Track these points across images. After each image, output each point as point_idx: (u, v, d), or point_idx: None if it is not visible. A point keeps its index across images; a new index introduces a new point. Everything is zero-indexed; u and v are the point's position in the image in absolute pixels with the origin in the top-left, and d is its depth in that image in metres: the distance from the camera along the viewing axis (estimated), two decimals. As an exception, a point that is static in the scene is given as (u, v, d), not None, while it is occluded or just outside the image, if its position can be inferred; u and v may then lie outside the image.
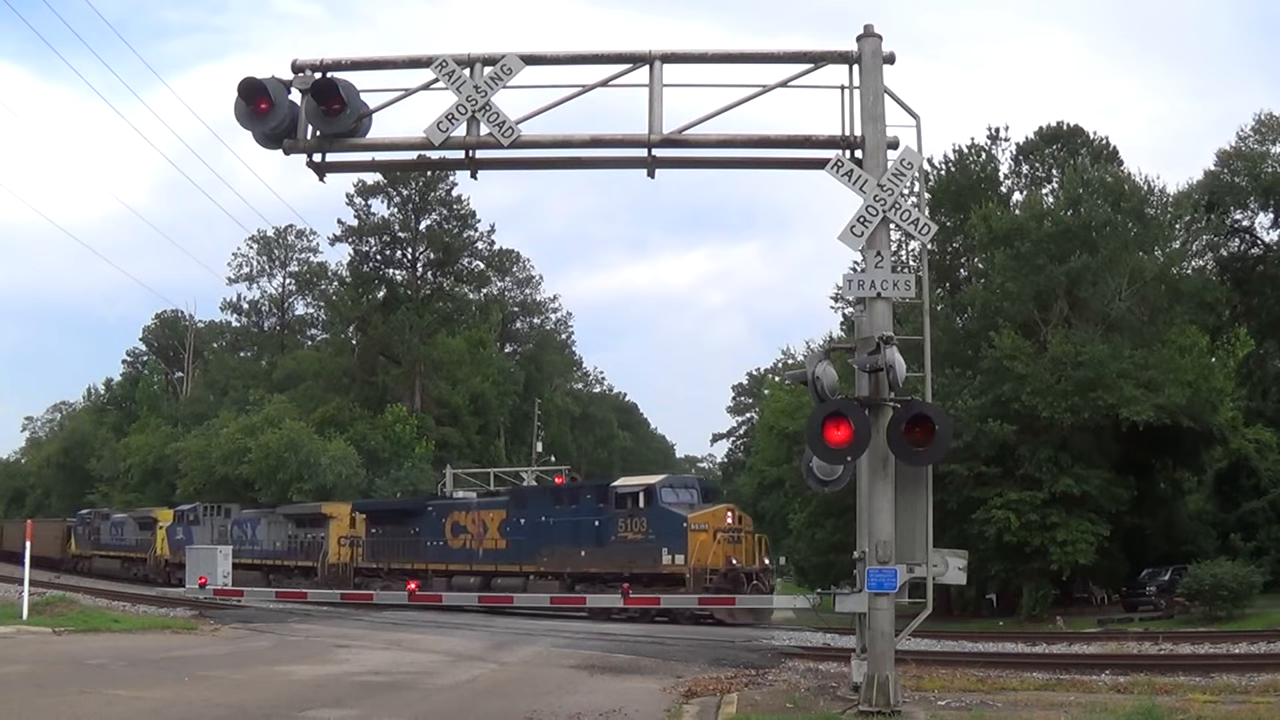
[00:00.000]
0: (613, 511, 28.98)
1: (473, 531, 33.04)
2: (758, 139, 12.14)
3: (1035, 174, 40.32)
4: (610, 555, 28.50)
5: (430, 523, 34.56)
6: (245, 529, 41.71)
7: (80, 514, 54.87)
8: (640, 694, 13.01)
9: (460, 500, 36.73)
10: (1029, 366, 31.77)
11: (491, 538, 32.43)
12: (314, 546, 38.09)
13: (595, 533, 29.18)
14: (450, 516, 34.10)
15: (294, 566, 38.47)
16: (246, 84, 11.70)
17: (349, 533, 37.69)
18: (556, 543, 30.19)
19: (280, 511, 41.40)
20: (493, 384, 62.39)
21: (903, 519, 11.21)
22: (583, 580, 28.51)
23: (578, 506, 30.54)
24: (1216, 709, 10.85)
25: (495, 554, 32.04)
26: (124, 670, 14.84)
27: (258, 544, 40.50)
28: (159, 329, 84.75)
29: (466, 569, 32.51)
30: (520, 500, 33.50)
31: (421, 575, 32.88)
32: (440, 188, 61.29)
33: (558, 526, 30.46)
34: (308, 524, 38.88)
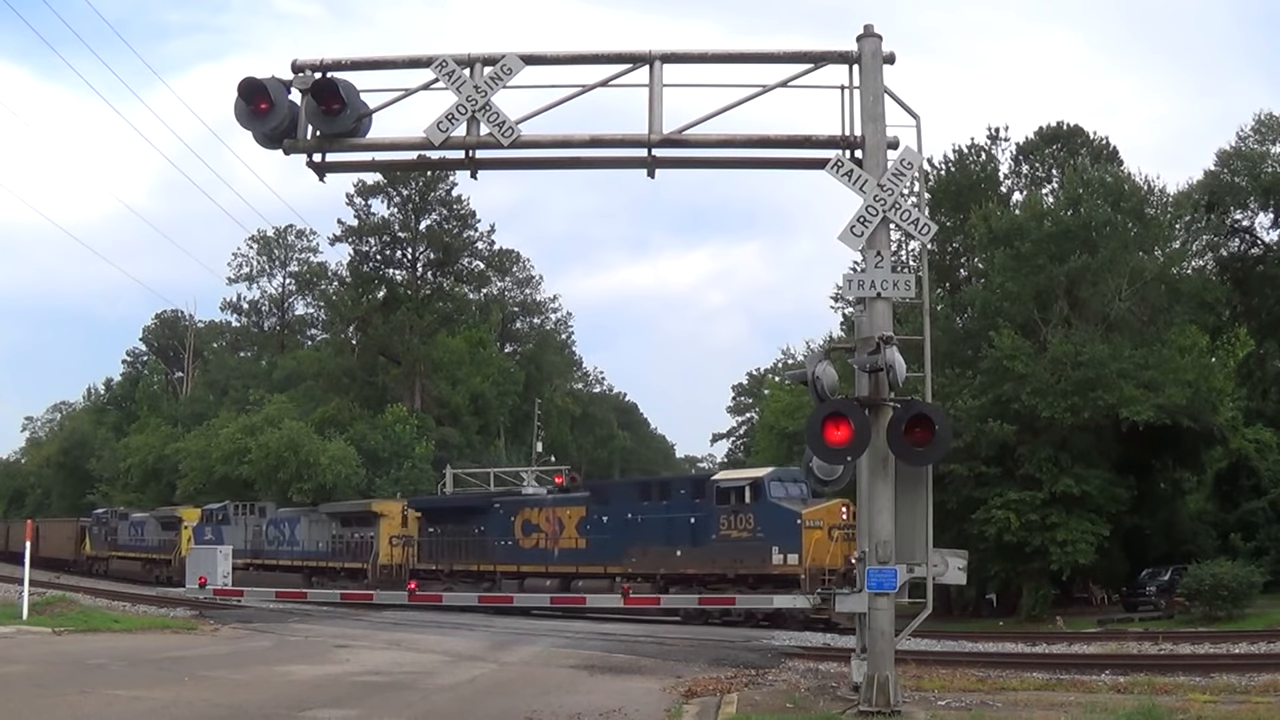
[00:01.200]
0: (713, 507, 26.84)
1: (547, 530, 31.06)
2: (758, 139, 12.15)
3: (1035, 174, 40.29)
4: (711, 555, 26.51)
5: (498, 521, 32.58)
6: (282, 529, 40.09)
7: (96, 514, 53.24)
8: (640, 694, 13.01)
9: (531, 496, 34.33)
10: (1029, 366, 31.76)
11: (569, 536, 30.30)
12: (362, 547, 36.36)
13: (691, 531, 27.23)
14: (521, 514, 32.10)
15: (340, 569, 36.59)
16: (246, 84, 11.71)
17: (400, 532, 35.99)
18: (647, 542, 28.12)
19: (324, 510, 39.63)
20: (493, 384, 62.38)
21: (903, 519, 11.22)
22: (678, 582, 26.65)
23: (670, 502, 28.35)
24: (1216, 709, 10.86)
25: (574, 554, 29.92)
26: (124, 670, 14.85)
27: (297, 544, 38.97)
28: (159, 329, 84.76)
29: (541, 570, 30.38)
30: (602, 496, 31.31)
31: (489, 577, 31.55)
32: (440, 188, 61.25)
33: (647, 524, 28.35)
34: (354, 523, 37.20)
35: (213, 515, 43.14)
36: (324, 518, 38.55)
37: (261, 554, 40.26)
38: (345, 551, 36.80)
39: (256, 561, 39.86)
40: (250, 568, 39.39)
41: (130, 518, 49.38)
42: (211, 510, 43.69)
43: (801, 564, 24.75)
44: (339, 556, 36.95)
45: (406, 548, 35.34)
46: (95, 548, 50.49)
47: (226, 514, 42.55)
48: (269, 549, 40.27)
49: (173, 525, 45.00)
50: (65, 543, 52.77)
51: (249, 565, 39.49)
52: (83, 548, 51.56)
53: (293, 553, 38.78)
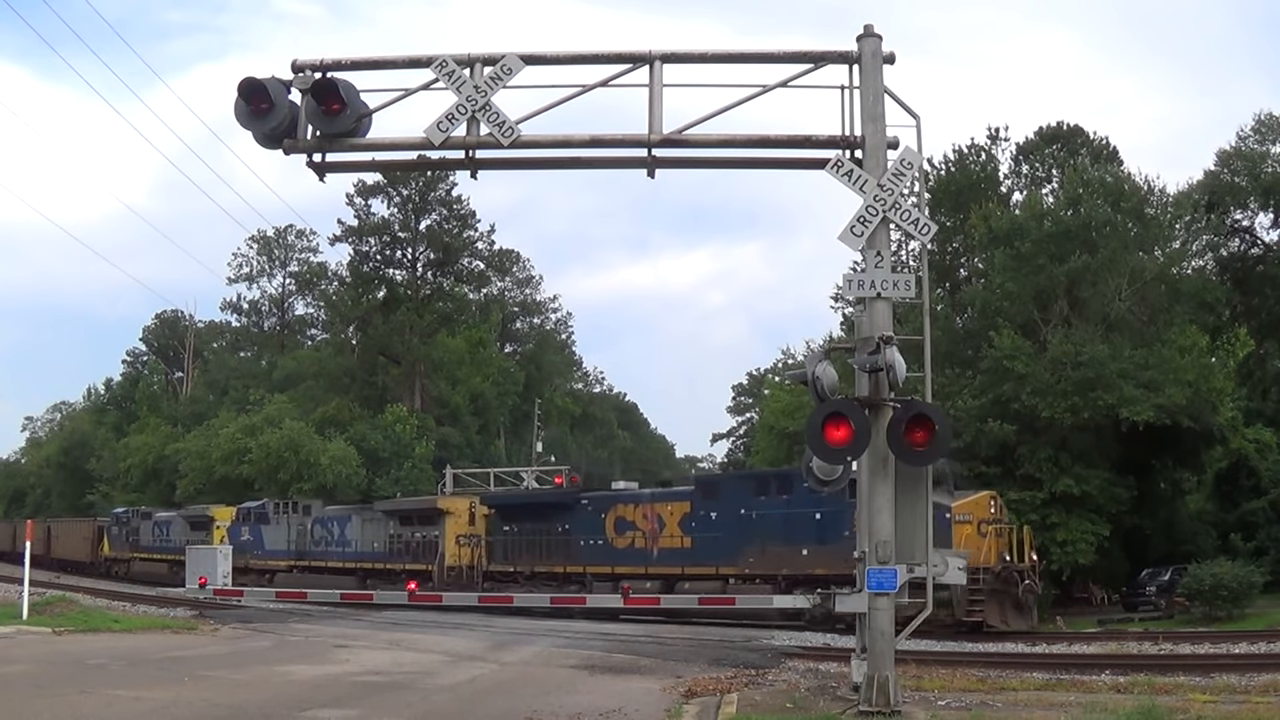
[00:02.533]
0: (847, 502, 23.67)
1: (644, 528, 28.62)
2: (758, 139, 12.14)
3: (1035, 174, 40.28)
4: (843, 554, 23.52)
5: (585, 518, 30.26)
6: (330, 528, 37.68)
7: (116, 513, 50.53)
8: (640, 694, 13.02)
9: (624, 492, 31.50)
10: (1029, 366, 31.77)
11: (672, 535, 27.94)
12: (426, 547, 33.92)
13: (818, 527, 24.77)
14: (613, 511, 29.68)
15: (400, 571, 33.68)
16: (246, 84, 11.70)
17: (468, 530, 33.70)
18: (765, 540, 25.73)
19: (380, 508, 37.18)
20: (493, 384, 62.40)
21: (903, 519, 11.22)
22: (804, 584, 23.57)
23: (792, 496, 25.42)
24: (1216, 709, 10.86)
25: (678, 554, 27.60)
26: (124, 670, 14.85)
27: (348, 545, 36.60)
28: (159, 329, 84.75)
29: (640, 572, 27.93)
30: (711, 490, 28.66)
31: (577, 579, 29.33)
32: (440, 188, 61.27)
33: (766, 520, 25.93)
34: (416, 521, 34.84)
35: (249, 514, 40.99)
36: (380, 516, 36.34)
37: (307, 555, 38.21)
38: (405, 552, 34.49)
39: (301, 563, 37.92)
40: (294, 570, 37.77)
41: (154, 517, 47.17)
42: (248, 509, 41.53)
43: None
44: (398, 558, 34.57)
45: (475, 548, 33.19)
46: (115, 549, 48.31)
47: (265, 512, 40.37)
48: (315, 550, 38.05)
49: (203, 525, 42.81)
50: (80, 544, 50.75)
51: (292, 568, 38.01)
52: (100, 549, 49.46)
53: (344, 554, 36.55)
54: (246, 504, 42.42)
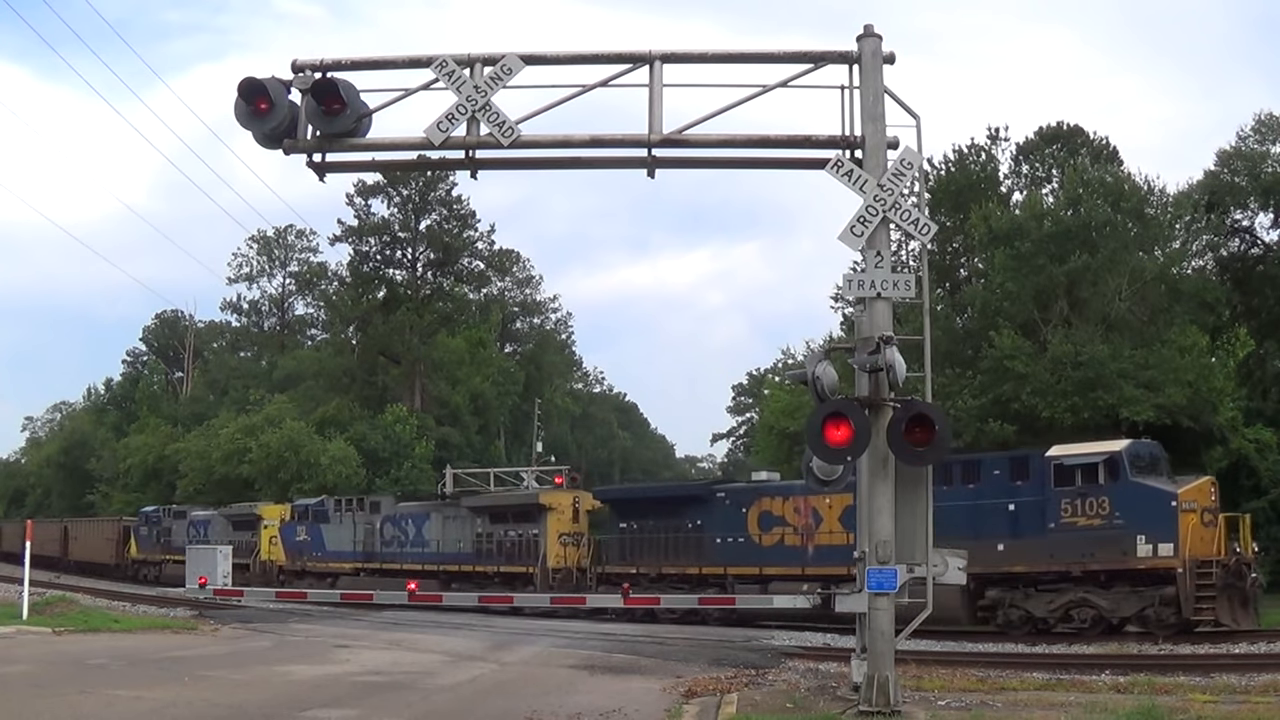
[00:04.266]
0: (1049, 490, 21.94)
1: (796, 523, 25.86)
2: (758, 139, 12.15)
3: (1035, 174, 40.25)
4: (1047, 548, 21.70)
5: (721, 513, 27.50)
6: (404, 526, 35.32)
7: (144, 512, 47.66)
8: (640, 694, 13.02)
9: (770, 484, 27.98)
10: (1029, 366, 31.75)
11: (830, 530, 25.12)
12: (524, 547, 31.35)
13: (1013, 519, 22.34)
14: (756, 504, 26.90)
15: (493, 574, 31.44)
16: (246, 84, 11.71)
17: (571, 529, 30.99)
18: (948, 533, 22.82)
19: (466, 504, 34.24)
20: (493, 384, 62.37)
21: (903, 519, 11.23)
22: (999, 583, 22.14)
23: (979, 485, 23.14)
24: (1216, 709, 10.86)
25: (841, 552, 24.05)
26: (124, 670, 14.86)
27: (426, 545, 34.31)
28: (159, 329, 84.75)
29: (795, 573, 24.94)
30: None
31: (716, 582, 26.70)
32: (440, 188, 61.27)
33: (949, 512, 23.30)
34: (511, 518, 32.32)
35: (306, 512, 38.34)
36: (466, 513, 33.57)
37: (376, 556, 35.68)
38: (499, 553, 31.91)
39: (370, 565, 35.48)
40: (361, 573, 35.41)
41: (190, 516, 44.66)
42: (305, 506, 38.92)
43: (1178, 555, 20.22)
44: (489, 559, 32.09)
45: (582, 547, 30.59)
46: (144, 550, 45.65)
47: (325, 510, 37.80)
48: (386, 551, 35.55)
49: (249, 524, 40.39)
50: (104, 545, 48.19)
51: (359, 570, 35.51)
52: (126, 550, 46.85)
53: (422, 555, 34.08)
54: (302, 501, 40.17)
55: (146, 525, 46.22)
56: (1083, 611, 21.21)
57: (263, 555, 39.27)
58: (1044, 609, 21.38)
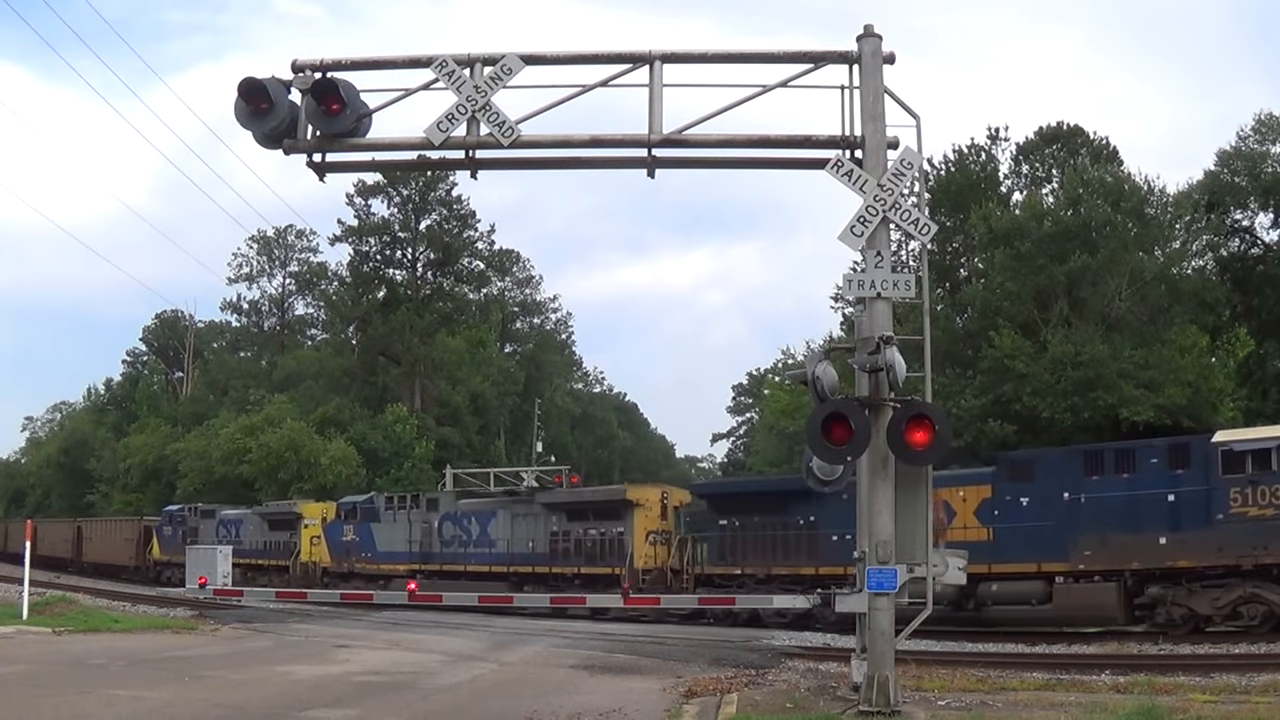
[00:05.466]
0: (1216, 479, 20.29)
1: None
2: (758, 139, 12.15)
3: (1035, 174, 40.34)
4: (1217, 540, 20.04)
5: (838, 508, 24.15)
6: (466, 525, 33.18)
7: (169, 511, 45.15)
8: (640, 694, 13.02)
9: None
10: (1029, 366, 31.79)
11: (966, 526, 23.19)
12: (607, 547, 29.09)
13: (1173, 510, 20.68)
14: None
15: (572, 575, 29.28)
16: (246, 84, 11.71)
17: (660, 526, 28.82)
18: (1102, 528, 21.22)
19: (541, 500, 31.93)
20: (493, 384, 62.40)
21: (903, 519, 11.23)
22: (1161, 579, 20.51)
23: (1135, 475, 21.29)
24: (1216, 709, 10.86)
25: (977, 549, 21.48)
26: (124, 670, 14.86)
27: (492, 544, 32.04)
28: (159, 329, 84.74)
29: None
30: (1021, 470, 23.27)
31: (837, 583, 23.67)
32: (440, 188, 61.29)
33: (1102, 505, 21.45)
34: (592, 515, 30.05)
35: (354, 510, 36.25)
36: (539, 510, 31.33)
37: (435, 557, 33.48)
38: (576, 553, 29.75)
39: (428, 567, 33.18)
40: (418, 574, 32.37)
41: (219, 515, 42.62)
42: (352, 504, 36.85)
43: None
44: (567, 559, 29.85)
45: (673, 545, 28.25)
46: (167, 551, 42.81)
47: (375, 508, 35.59)
48: (446, 551, 33.37)
49: (287, 523, 38.24)
50: (121, 546, 45.77)
51: (416, 571, 32.76)
52: (148, 552, 44.20)
53: (488, 555, 31.87)
54: (349, 499, 38.19)
55: (171, 525, 43.69)
56: (1252, 608, 19.83)
57: (304, 557, 36.98)
58: (1209, 606, 20.06)
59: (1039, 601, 21.32)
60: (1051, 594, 21.33)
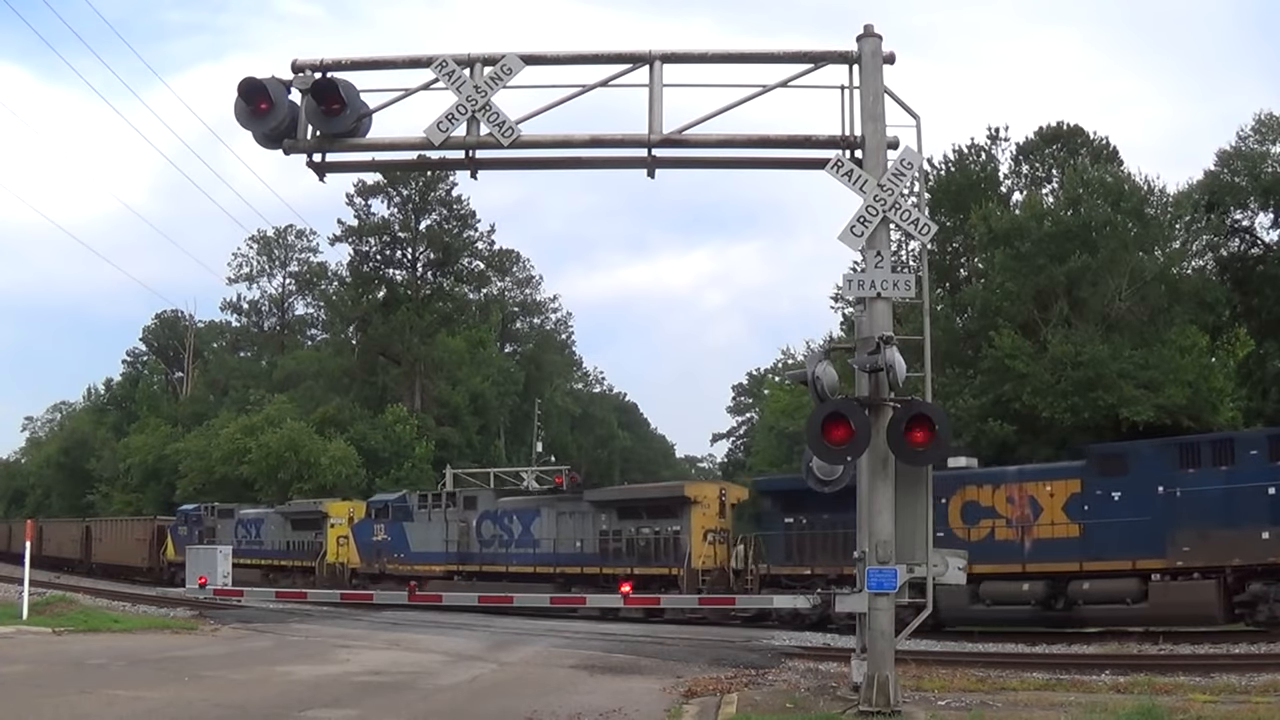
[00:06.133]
0: None
1: (1009, 514, 22.57)
2: (758, 139, 12.15)
3: (1035, 174, 40.33)
4: None
5: None
6: (507, 524, 31.99)
7: (184, 510, 43.79)
8: (640, 694, 13.02)
9: (973, 471, 24.23)
10: (1029, 366, 31.80)
11: (1053, 522, 21.99)
12: (662, 546, 27.88)
13: (1274, 505, 19.55)
14: (960, 494, 23.27)
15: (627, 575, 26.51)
16: (246, 84, 11.72)
17: (718, 524, 27.71)
18: (1202, 523, 20.08)
19: (590, 498, 30.74)
20: (493, 384, 62.41)
21: (903, 519, 11.23)
22: (1264, 576, 19.35)
23: (1234, 467, 20.10)
24: (1216, 709, 10.86)
25: (1065, 546, 21.59)
26: (124, 670, 14.86)
27: (537, 544, 30.83)
28: (159, 329, 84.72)
29: (1014, 570, 21.91)
30: (1112, 463, 21.85)
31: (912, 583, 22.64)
32: (440, 188, 61.30)
33: (1200, 498, 20.26)
34: (645, 514, 28.75)
35: (385, 509, 35.22)
36: (588, 508, 30.05)
37: (473, 557, 32.30)
38: (628, 552, 28.53)
39: (466, 568, 32.19)
40: (455, 576, 32.04)
41: (238, 515, 41.62)
42: (384, 502, 35.83)
43: None
44: (618, 559, 28.55)
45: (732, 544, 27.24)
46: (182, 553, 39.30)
47: (408, 507, 34.54)
48: (486, 551, 32.17)
49: (312, 523, 37.05)
50: (133, 546, 44.35)
51: (454, 573, 32.13)
52: (162, 553, 42.82)
53: (532, 556, 30.71)
54: (380, 497, 37.20)
55: (186, 525, 42.29)
56: None
57: (330, 557, 35.91)
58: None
59: (1133, 601, 20.34)
60: (1147, 592, 20.30)
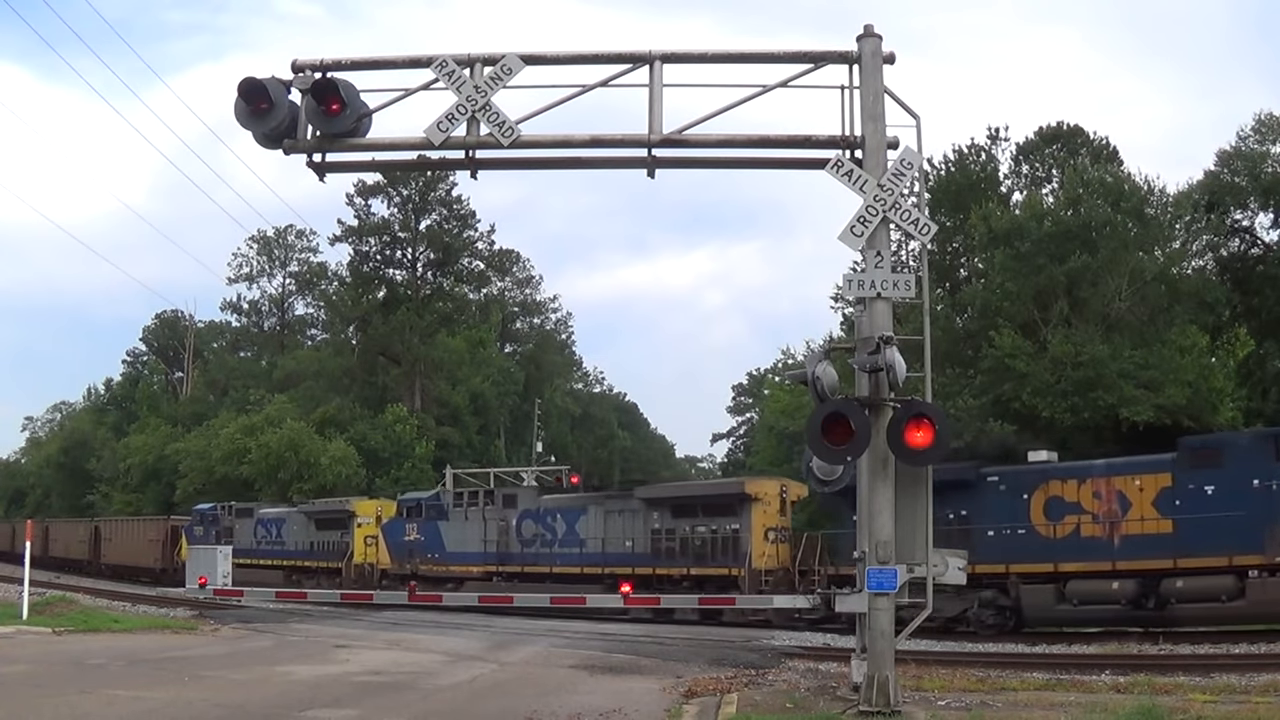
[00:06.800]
0: None
1: (1096, 510, 21.68)
2: (758, 139, 12.15)
3: (1035, 174, 40.29)
4: None
5: (995, 500, 23.16)
6: (549, 523, 30.83)
7: (200, 510, 42.68)
8: (640, 694, 13.02)
9: (1056, 465, 23.61)
10: (1029, 366, 31.79)
11: (1142, 518, 21.21)
12: (720, 546, 26.73)
13: None
14: (1042, 489, 22.52)
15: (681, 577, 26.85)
16: (246, 84, 11.72)
17: (779, 522, 26.80)
18: None
19: (641, 495, 29.48)
20: (493, 384, 62.43)
21: (903, 519, 11.23)
22: None
23: None
24: (1216, 709, 10.86)
25: (1156, 542, 20.72)
26: (124, 670, 14.86)
27: (582, 544, 29.66)
28: (159, 329, 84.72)
29: (1104, 569, 21.00)
30: (1205, 455, 20.97)
31: (994, 583, 22.35)
32: (440, 188, 61.31)
33: None
34: (701, 512, 27.65)
35: (418, 507, 33.99)
36: (638, 506, 28.89)
37: (513, 558, 31.26)
38: (682, 552, 27.41)
39: (506, 568, 31.16)
40: (495, 577, 30.97)
41: (258, 514, 40.67)
42: (416, 501, 34.60)
43: None
44: (671, 560, 27.47)
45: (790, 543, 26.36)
46: None
47: (443, 505, 33.32)
48: (528, 551, 31.15)
49: (338, 522, 35.97)
50: (145, 547, 43.16)
51: (493, 574, 31.09)
52: (176, 553, 41.55)
53: (579, 556, 29.54)
54: (412, 495, 36.22)
55: (203, 525, 41.29)
56: None
57: (357, 558, 34.93)
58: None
59: (1229, 598, 19.56)
60: (1244, 589, 19.45)
